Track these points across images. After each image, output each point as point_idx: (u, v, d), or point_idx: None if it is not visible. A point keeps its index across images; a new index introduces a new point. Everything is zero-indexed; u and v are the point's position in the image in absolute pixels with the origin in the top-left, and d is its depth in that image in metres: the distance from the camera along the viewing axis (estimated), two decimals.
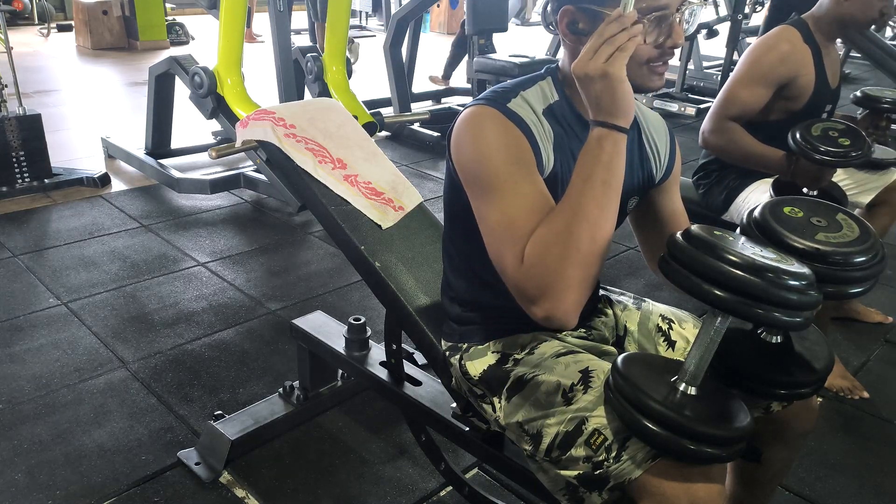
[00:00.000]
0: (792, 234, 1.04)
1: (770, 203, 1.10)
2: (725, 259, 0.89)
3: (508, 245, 1.03)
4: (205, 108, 3.33)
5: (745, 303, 0.88)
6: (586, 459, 1.04)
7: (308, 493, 1.73)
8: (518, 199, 1.03)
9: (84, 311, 2.50)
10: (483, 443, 1.35)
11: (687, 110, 5.37)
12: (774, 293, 0.87)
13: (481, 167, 1.06)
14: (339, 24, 3.60)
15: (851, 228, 1.06)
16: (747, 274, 0.87)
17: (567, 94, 1.15)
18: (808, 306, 0.90)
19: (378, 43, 7.45)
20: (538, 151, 1.08)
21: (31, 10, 8.37)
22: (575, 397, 1.09)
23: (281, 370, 2.20)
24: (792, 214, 1.08)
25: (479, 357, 1.24)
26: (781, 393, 1.12)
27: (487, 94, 1.13)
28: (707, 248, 0.91)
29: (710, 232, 0.95)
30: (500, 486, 1.74)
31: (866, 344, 2.43)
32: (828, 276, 1.01)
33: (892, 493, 1.79)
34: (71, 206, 3.44)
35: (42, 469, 1.77)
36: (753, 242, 0.98)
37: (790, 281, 0.88)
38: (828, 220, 1.07)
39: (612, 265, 3.00)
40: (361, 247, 1.50)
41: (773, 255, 0.94)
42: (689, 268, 0.92)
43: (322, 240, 3.16)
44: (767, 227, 1.06)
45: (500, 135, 1.06)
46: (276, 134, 1.59)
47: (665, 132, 1.29)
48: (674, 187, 1.30)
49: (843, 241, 1.03)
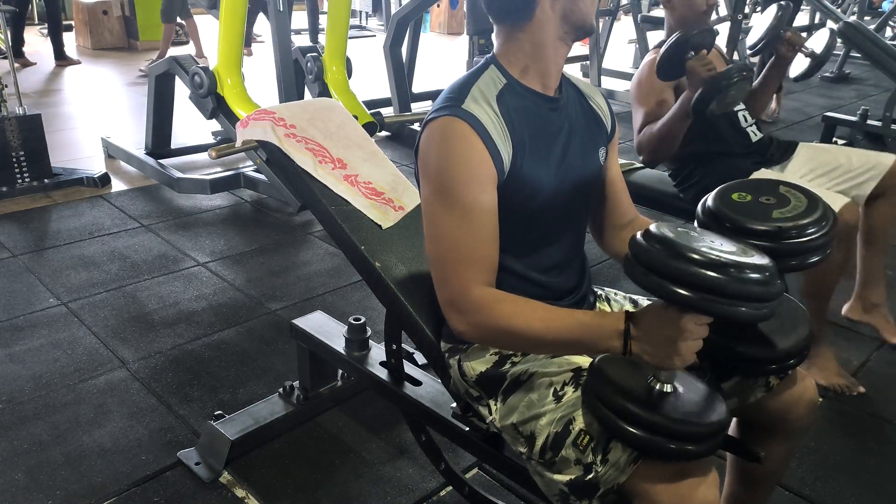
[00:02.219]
0: (750, 219, 1.08)
1: (716, 194, 1.15)
2: (686, 257, 0.90)
3: (451, 263, 1.10)
4: (205, 108, 3.33)
5: (708, 299, 0.88)
6: (577, 462, 1.05)
7: (308, 493, 1.73)
8: (465, 224, 1.09)
9: (84, 311, 2.50)
10: (483, 443, 1.35)
11: None
12: (737, 288, 0.88)
13: (443, 181, 1.11)
14: (339, 24, 3.60)
15: (799, 199, 1.11)
16: (708, 271, 0.88)
17: (512, 74, 1.19)
18: (772, 297, 0.91)
19: (378, 43, 7.45)
20: (497, 156, 1.12)
21: (31, 10, 8.37)
22: (565, 395, 1.11)
23: (281, 370, 2.20)
24: (741, 199, 1.13)
25: (477, 358, 1.24)
26: (774, 367, 1.16)
27: (444, 100, 1.16)
28: (667, 246, 0.92)
29: (672, 229, 0.96)
30: (500, 486, 1.74)
31: (866, 344, 2.43)
32: (791, 250, 1.07)
33: (892, 494, 1.79)
34: (71, 206, 3.44)
35: (42, 469, 1.77)
36: (714, 235, 0.99)
37: (752, 274, 0.89)
38: (774, 196, 1.13)
39: (612, 265, 3.00)
40: (361, 247, 1.50)
41: (733, 247, 0.95)
42: (650, 268, 0.92)
43: (322, 240, 3.16)
44: (725, 217, 1.11)
45: (461, 152, 1.10)
46: (277, 134, 1.59)
47: (599, 93, 1.35)
48: (615, 148, 1.36)
49: (797, 214, 1.09)
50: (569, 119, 1.23)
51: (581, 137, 1.24)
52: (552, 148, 1.19)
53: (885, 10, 8.98)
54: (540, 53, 1.17)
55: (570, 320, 1.03)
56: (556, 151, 1.19)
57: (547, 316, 1.05)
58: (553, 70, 1.19)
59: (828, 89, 6.65)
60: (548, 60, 1.18)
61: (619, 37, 7.29)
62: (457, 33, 9.73)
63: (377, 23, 9.89)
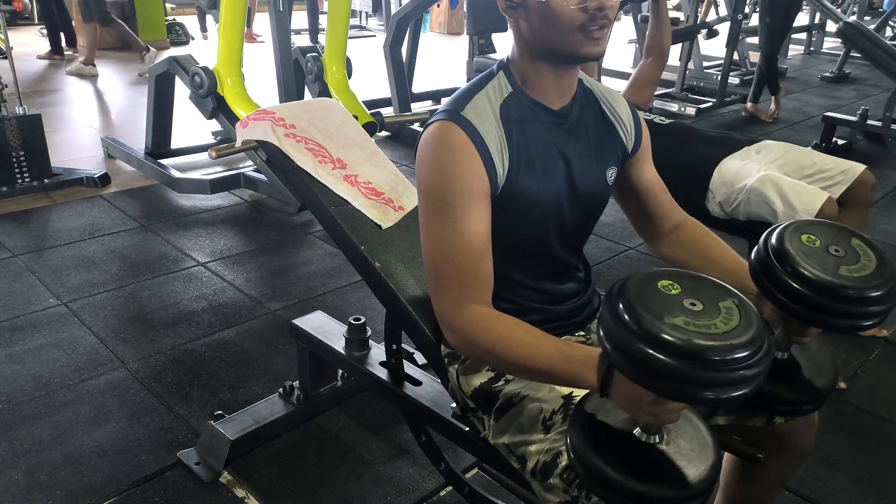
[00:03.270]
0: (815, 269, 1.00)
1: (785, 231, 1.07)
2: (649, 338, 0.83)
3: (444, 277, 1.08)
4: (205, 108, 3.33)
5: (675, 388, 0.83)
6: (564, 490, 1.04)
7: (308, 493, 1.73)
8: (458, 237, 1.07)
9: (84, 311, 2.50)
10: (483, 443, 1.35)
11: (687, 110, 5.37)
12: (706, 377, 0.82)
13: (436, 193, 1.08)
14: (339, 24, 3.59)
15: (869, 258, 1.03)
16: (673, 360, 0.81)
17: (519, 84, 1.15)
18: (751, 379, 0.84)
19: (378, 43, 7.45)
20: (492, 168, 1.09)
21: (31, 10, 8.37)
22: (554, 426, 1.09)
23: (281, 370, 2.20)
24: (809, 243, 1.04)
25: (474, 372, 1.23)
26: (784, 408, 1.12)
27: (448, 103, 1.14)
28: (635, 321, 0.84)
29: (649, 288, 0.88)
30: (500, 486, 1.74)
31: (866, 344, 2.43)
32: (846, 312, 0.99)
33: (892, 493, 1.79)
34: (71, 206, 3.44)
35: (42, 469, 1.77)
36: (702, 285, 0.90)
37: (725, 356, 0.82)
38: (845, 248, 1.04)
39: (611, 265, 3.00)
40: (361, 247, 1.50)
41: (713, 309, 0.87)
42: (616, 349, 0.87)
43: (322, 240, 3.16)
44: (787, 258, 1.02)
45: (457, 163, 1.07)
46: (276, 134, 1.59)
47: (624, 102, 1.29)
48: (646, 157, 1.30)
49: (865, 276, 1.00)
50: (575, 134, 1.18)
51: (588, 154, 1.20)
52: (552, 163, 1.15)
53: (886, 9, 8.97)
54: (531, 68, 1.14)
55: (552, 352, 1.00)
56: (557, 167, 1.16)
57: (531, 343, 1.01)
58: (550, 88, 1.14)
59: (828, 89, 6.65)
60: (542, 78, 1.13)
61: (619, 37, 7.29)
62: (457, 33, 9.73)
63: (377, 23, 9.89)
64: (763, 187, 2.14)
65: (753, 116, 5.44)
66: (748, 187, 2.17)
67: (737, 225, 2.29)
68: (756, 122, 5.36)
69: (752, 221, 2.22)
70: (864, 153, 4.64)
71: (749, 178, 2.19)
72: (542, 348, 1.01)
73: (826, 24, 8.52)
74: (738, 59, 6.44)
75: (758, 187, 2.15)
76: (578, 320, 1.29)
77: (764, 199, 2.14)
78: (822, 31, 8.68)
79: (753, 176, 2.18)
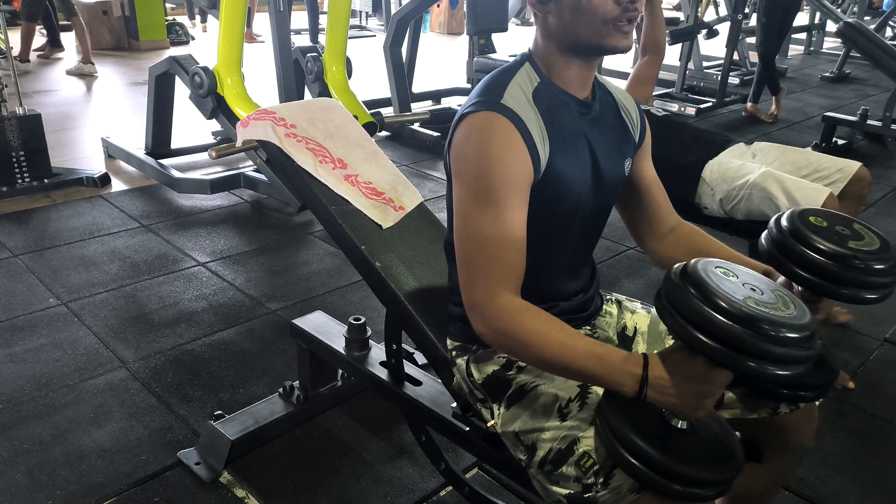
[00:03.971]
0: (824, 240, 1.08)
1: (794, 213, 1.15)
2: (716, 305, 0.85)
3: (480, 265, 1.08)
4: (205, 108, 3.33)
5: (729, 355, 0.84)
6: (577, 479, 1.04)
7: (308, 493, 1.73)
8: (499, 225, 1.07)
9: (84, 311, 2.50)
10: (483, 443, 1.35)
11: (687, 110, 5.37)
12: (763, 347, 0.83)
13: (480, 181, 1.08)
14: (339, 24, 3.59)
15: (872, 239, 1.11)
16: (735, 324, 0.83)
17: (546, 74, 1.17)
18: (803, 361, 0.85)
19: (378, 43, 7.45)
20: (535, 155, 1.10)
21: None
22: (570, 413, 1.09)
23: (281, 370, 2.20)
24: (818, 223, 1.12)
25: (486, 360, 1.24)
26: (789, 394, 1.13)
27: (482, 93, 1.14)
28: (698, 289, 0.87)
29: (710, 270, 0.91)
30: (500, 486, 1.74)
31: (865, 344, 2.43)
32: (855, 280, 1.06)
33: (892, 494, 1.79)
34: (71, 206, 3.44)
35: (42, 469, 1.77)
36: (758, 279, 0.94)
37: (788, 333, 0.84)
38: (850, 229, 1.12)
39: (612, 265, 3.00)
40: (362, 247, 1.50)
41: (773, 296, 0.90)
42: (677, 310, 0.89)
43: (322, 240, 3.16)
44: (798, 233, 1.10)
45: (502, 152, 1.07)
46: (277, 134, 1.59)
47: (631, 97, 1.33)
48: (647, 154, 1.34)
49: (871, 250, 1.08)
50: (598, 124, 1.21)
51: (611, 144, 1.22)
52: (581, 150, 1.17)
53: (886, 9, 8.97)
54: (557, 61, 1.16)
55: (587, 352, 1.00)
56: (584, 155, 1.18)
57: (566, 342, 1.01)
58: (574, 80, 1.17)
59: (828, 89, 6.65)
60: (567, 69, 1.16)
61: None
62: (457, 33, 9.73)
63: (377, 23, 9.89)
64: (766, 183, 2.15)
65: (753, 116, 5.45)
66: (750, 182, 2.18)
67: (734, 225, 2.30)
68: (756, 122, 5.36)
69: (750, 221, 2.23)
70: (864, 153, 4.65)
71: (751, 175, 2.20)
72: (576, 349, 1.00)
73: (826, 24, 8.52)
74: (738, 59, 6.45)
75: (760, 182, 2.16)
76: (584, 316, 1.31)
77: (766, 194, 2.15)
78: (822, 31, 8.69)
79: (755, 172, 2.19)
